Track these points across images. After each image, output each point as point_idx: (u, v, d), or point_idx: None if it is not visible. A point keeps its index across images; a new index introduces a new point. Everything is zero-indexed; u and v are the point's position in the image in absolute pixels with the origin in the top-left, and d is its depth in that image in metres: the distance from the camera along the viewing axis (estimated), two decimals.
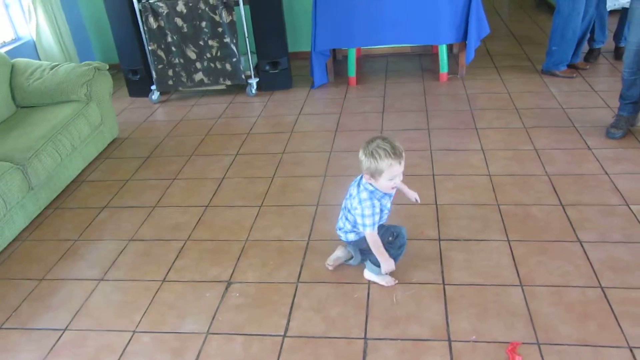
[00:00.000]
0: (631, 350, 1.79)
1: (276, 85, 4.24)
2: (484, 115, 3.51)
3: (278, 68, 4.17)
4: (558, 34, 3.87)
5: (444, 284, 2.14)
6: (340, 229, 2.18)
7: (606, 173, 2.78)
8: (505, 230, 2.41)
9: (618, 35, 4.23)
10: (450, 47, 4.27)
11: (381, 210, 2.02)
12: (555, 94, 3.74)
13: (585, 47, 4.27)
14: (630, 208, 2.50)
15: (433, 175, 2.88)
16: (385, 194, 2.00)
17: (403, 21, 3.86)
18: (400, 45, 4.63)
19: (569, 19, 3.77)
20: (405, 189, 2.18)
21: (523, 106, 3.59)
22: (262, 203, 2.78)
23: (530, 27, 5.30)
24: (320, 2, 3.91)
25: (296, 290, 2.18)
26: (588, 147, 3.03)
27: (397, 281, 2.16)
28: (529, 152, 3.03)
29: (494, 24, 4.82)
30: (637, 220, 2.42)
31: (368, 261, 2.17)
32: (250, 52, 4.17)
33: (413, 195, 2.20)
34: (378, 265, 2.12)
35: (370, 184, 1.96)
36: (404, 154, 1.89)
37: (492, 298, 2.06)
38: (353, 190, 2.04)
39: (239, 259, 2.38)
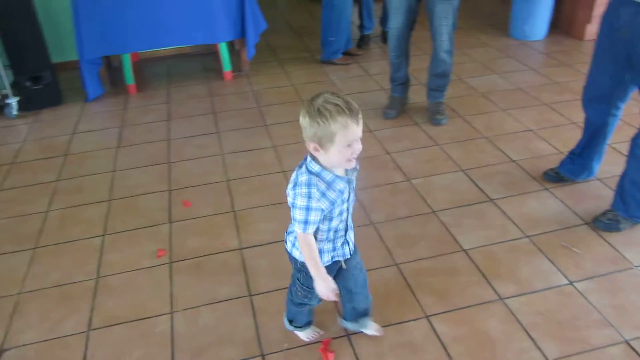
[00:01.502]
0: (428, 319, 1.91)
1: (43, 102, 3.72)
2: (271, 111, 3.50)
3: (41, 83, 3.65)
4: (334, 26, 4.03)
5: (250, 295, 2.05)
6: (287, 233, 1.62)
7: (387, 153, 2.96)
8: None
9: (384, 21, 4.56)
10: (231, 45, 4.19)
11: (332, 203, 1.42)
12: (335, 82, 3.90)
13: (356, 34, 4.55)
14: (411, 182, 2.69)
15: (227, 180, 2.77)
16: (337, 176, 1.42)
17: (178, 22, 3.66)
18: (181, 47, 4.42)
19: (342, 10, 3.95)
20: None
21: (308, 97, 3.65)
22: (37, 244, 2.39)
23: (306, 19, 5.49)
24: (82, 4, 3.51)
25: (87, 340, 1.89)
26: (369, 129, 3.20)
27: (322, 332, 1.87)
28: None
29: (271, 17, 4.86)
30: (418, 193, 2.61)
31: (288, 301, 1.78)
32: (4, 66, 3.59)
33: None
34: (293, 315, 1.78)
35: (316, 162, 1.40)
36: (360, 113, 1.36)
37: None
38: (294, 173, 1.47)
39: (11, 319, 2.00)
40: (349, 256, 1.62)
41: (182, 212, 2.54)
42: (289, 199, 1.43)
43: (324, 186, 1.39)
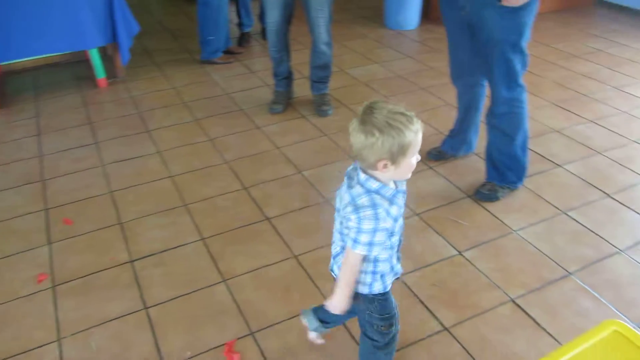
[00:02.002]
0: None
1: None
2: (153, 116, 3.35)
3: None
4: (211, 24, 3.93)
5: (146, 308, 1.94)
6: (334, 257, 1.47)
7: (277, 147, 2.95)
8: (198, 229, 2.33)
9: (262, 17, 4.53)
10: (104, 51, 3.95)
11: (395, 220, 1.32)
12: (218, 82, 3.82)
13: (236, 33, 4.49)
14: (302, 174, 2.69)
15: (111, 192, 2.61)
16: (398, 190, 1.31)
17: (40, 29, 3.37)
18: (48, 56, 4.09)
19: (219, 7, 3.87)
20: None
21: (190, 99, 3.56)
22: None
23: (183, 21, 5.32)
24: None
25: None
26: (257, 126, 3.16)
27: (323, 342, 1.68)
28: (205, 144, 3.00)
29: (145, 21, 4.67)
30: (310, 183, 2.62)
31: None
32: None
33: None
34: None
35: (375, 179, 1.27)
36: None
37: (199, 304, 1.95)
38: (345, 195, 1.32)
39: None
40: (402, 271, 1.51)
41: (63, 231, 2.36)
42: (352, 224, 1.26)
43: (387, 204, 1.27)
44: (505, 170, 2.43)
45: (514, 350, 1.76)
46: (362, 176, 1.27)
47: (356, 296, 1.42)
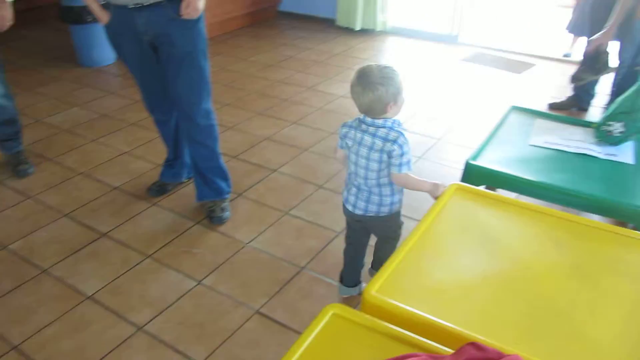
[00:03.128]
0: None
1: None
2: None
3: None
4: None
5: None
6: (366, 210, 1.81)
7: None
8: None
9: None
10: None
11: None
12: None
13: None
14: (9, 249, 2.34)
15: None
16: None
17: None
18: None
19: None
20: None
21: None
22: None
23: None
24: None
25: None
26: None
27: None
28: None
29: None
30: (20, 257, 2.28)
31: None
32: None
33: None
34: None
35: (387, 119, 1.67)
36: None
37: None
38: (367, 137, 1.68)
39: None
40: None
41: None
42: (396, 152, 1.65)
43: (404, 131, 1.68)
44: (219, 183, 2.49)
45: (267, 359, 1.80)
46: (379, 121, 1.67)
47: (376, 219, 1.82)
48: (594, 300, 1.26)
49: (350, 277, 2.05)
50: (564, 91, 3.75)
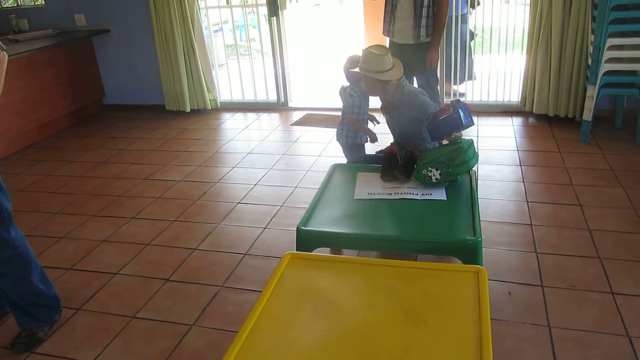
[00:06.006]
0: None
1: None
2: None
3: None
4: None
5: None
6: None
7: None
8: None
9: None
10: None
11: None
12: None
13: None
14: None
15: None
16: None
17: None
18: None
19: None
20: None
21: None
22: None
23: None
24: None
25: None
26: None
27: None
28: None
29: None
30: None
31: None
32: None
33: None
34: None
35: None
36: None
37: None
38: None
39: None
40: None
41: None
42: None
43: None
44: (36, 310, 2.25)
45: None
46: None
47: None
48: (426, 342, 1.32)
49: None
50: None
